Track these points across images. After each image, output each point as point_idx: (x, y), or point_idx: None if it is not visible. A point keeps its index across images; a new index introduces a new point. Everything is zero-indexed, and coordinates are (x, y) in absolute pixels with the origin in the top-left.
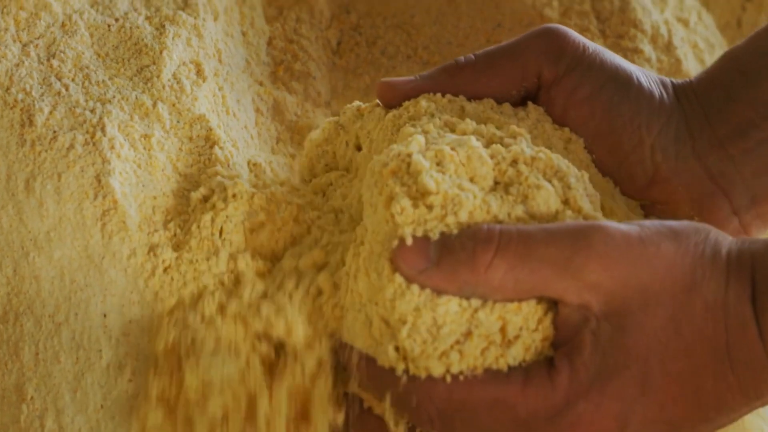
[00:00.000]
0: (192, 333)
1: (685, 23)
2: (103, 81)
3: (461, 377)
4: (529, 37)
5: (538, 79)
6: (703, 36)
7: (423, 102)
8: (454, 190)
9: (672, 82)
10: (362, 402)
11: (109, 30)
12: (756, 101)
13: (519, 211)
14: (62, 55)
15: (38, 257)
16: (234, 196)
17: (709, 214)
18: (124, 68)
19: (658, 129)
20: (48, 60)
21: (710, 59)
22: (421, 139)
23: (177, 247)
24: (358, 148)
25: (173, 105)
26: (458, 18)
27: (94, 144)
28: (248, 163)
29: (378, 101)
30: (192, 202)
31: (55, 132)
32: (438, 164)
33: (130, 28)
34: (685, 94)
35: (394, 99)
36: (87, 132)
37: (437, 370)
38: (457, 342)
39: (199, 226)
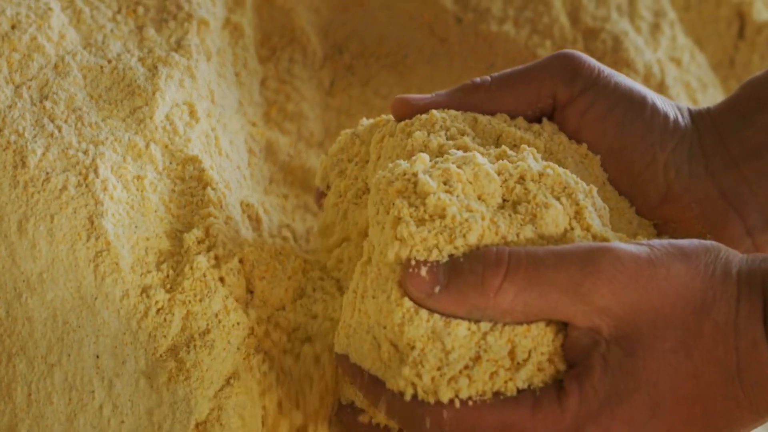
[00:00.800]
0: None
1: (677, 63)
2: (96, 122)
3: (470, 402)
4: (544, 60)
5: (553, 100)
6: (695, 75)
7: (435, 113)
8: (462, 212)
9: (688, 107)
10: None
11: (102, 71)
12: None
13: (528, 231)
14: (55, 96)
15: (31, 298)
16: (241, 260)
17: (722, 233)
18: (117, 109)
19: (671, 147)
20: (41, 101)
21: (703, 98)
22: (425, 157)
23: (170, 289)
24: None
25: (166, 146)
26: (451, 58)
27: (86, 185)
28: (241, 204)
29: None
30: (185, 244)
31: (47, 173)
32: (445, 183)
33: (123, 69)
34: (700, 117)
35: (408, 115)
36: (80, 173)
37: (446, 396)
38: (466, 367)
39: (192, 268)
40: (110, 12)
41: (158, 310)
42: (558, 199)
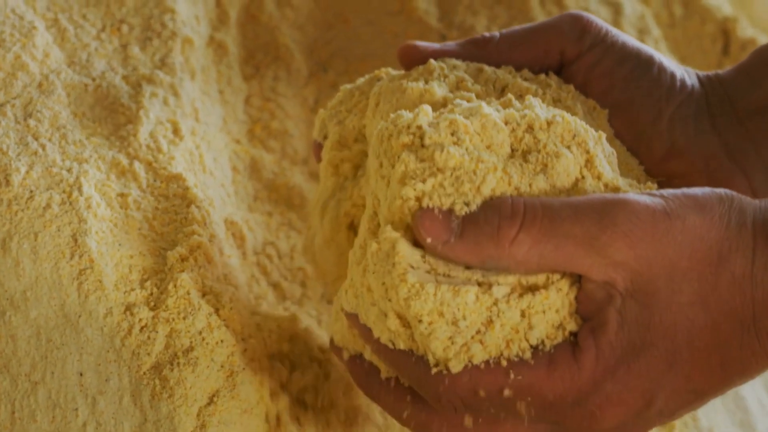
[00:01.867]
0: None
1: None
2: (80, 140)
3: (483, 366)
4: (553, 19)
5: (561, 57)
6: None
7: (432, 62)
8: (474, 163)
9: (696, 72)
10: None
11: (86, 90)
12: None
13: (540, 181)
14: (39, 114)
15: (15, 316)
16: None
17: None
18: (101, 127)
19: (677, 103)
20: (25, 120)
21: None
22: (428, 109)
23: (153, 306)
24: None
25: (150, 164)
26: None
27: (70, 203)
28: (225, 222)
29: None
30: (169, 261)
31: (31, 191)
32: (452, 134)
33: (107, 87)
34: (708, 79)
35: (416, 62)
36: (64, 191)
37: (459, 365)
38: (478, 332)
39: (175, 285)
40: (95, 30)
41: (142, 328)
42: (568, 147)
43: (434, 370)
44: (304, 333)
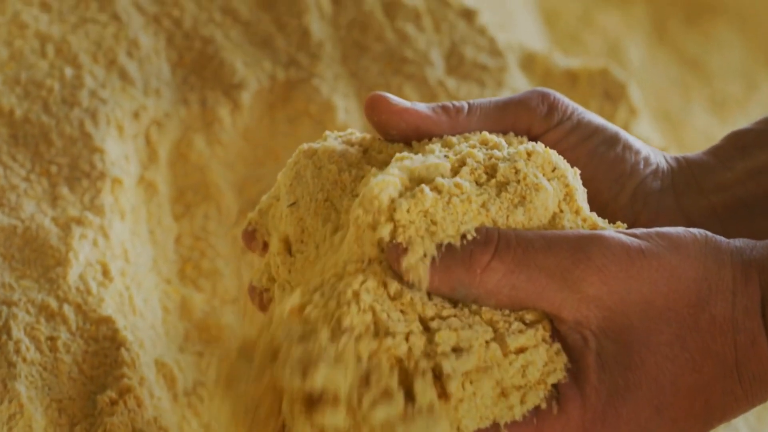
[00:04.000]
0: None
1: None
2: (9, 283)
3: None
4: (521, 94)
5: (528, 132)
6: None
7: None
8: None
9: (664, 153)
10: None
11: (15, 232)
12: (749, 171)
13: (518, 214)
14: None
15: None
16: None
17: None
18: (30, 270)
19: (641, 179)
20: None
21: None
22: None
23: None
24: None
25: (79, 306)
26: None
27: None
28: (156, 363)
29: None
30: (98, 405)
31: None
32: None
33: (36, 229)
34: (675, 159)
35: (385, 119)
36: None
37: None
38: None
39: (105, 430)
40: (24, 171)
41: None
42: (548, 180)
43: None
44: None
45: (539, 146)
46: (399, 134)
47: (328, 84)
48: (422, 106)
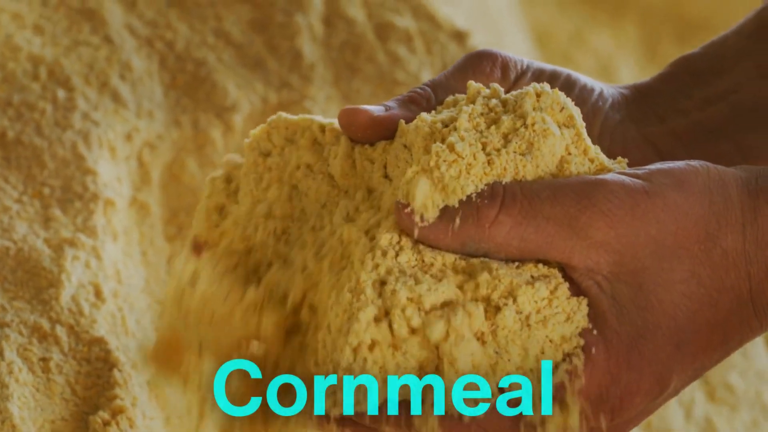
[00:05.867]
0: None
1: None
2: (2, 305)
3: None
4: (466, 58)
5: None
6: None
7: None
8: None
9: (613, 85)
10: None
11: (8, 253)
12: (707, 98)
13: (524, 163)
14: None
15: None
16: None
17: None
18: (22, 291)
19: (603, 115)
20: None
21: None
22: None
23: None
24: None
25: (72, 327)
26: None
27: None
28: (148, 384)
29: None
30: (91, 426)
31: None
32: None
33: (29, 250)
34: (626, 87)
35: (367, 130)
36: None
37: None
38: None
39: None
40: (16, 193)
41: None
42: (557, 123)
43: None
44: None
45: (546, 86)
46: (381, 139)
47: (319, 106)
48: (395, 107)
